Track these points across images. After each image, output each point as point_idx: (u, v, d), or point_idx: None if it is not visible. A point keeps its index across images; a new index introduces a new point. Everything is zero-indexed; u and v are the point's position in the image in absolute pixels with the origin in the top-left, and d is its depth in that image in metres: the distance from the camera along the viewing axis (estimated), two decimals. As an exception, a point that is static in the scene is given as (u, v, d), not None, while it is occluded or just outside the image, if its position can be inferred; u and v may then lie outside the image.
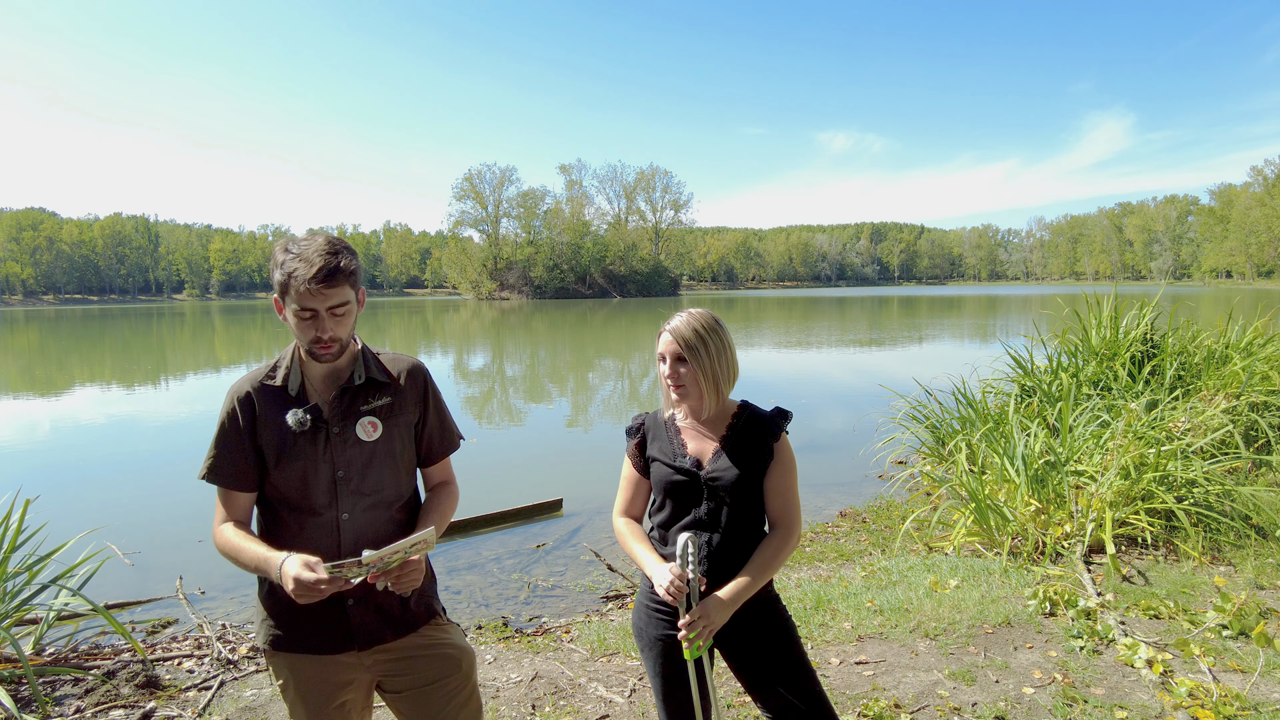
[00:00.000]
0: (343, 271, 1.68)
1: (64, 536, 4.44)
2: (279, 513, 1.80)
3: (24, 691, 3.42)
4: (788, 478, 1.94)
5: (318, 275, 1.64)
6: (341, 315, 1.72)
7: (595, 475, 8.39)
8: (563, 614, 4.71)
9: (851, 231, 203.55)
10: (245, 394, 1.79)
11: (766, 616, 1.96)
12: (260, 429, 1.77)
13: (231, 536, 1.74)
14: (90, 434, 11.30)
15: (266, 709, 3.31)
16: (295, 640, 1.81)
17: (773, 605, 1.99)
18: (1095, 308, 7.67)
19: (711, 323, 1.91)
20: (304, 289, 1.65)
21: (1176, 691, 3.04)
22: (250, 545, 1.71)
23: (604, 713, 3.20)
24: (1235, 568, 4.52)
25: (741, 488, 1.90)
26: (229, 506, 1.79)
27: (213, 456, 1.78)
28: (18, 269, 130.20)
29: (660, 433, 2.02)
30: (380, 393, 1.85)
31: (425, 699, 1.85)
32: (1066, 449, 5.43)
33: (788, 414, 1.99)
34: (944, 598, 4.19)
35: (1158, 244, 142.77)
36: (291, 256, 1.67)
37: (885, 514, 6.36)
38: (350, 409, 1.81)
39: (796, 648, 1.96)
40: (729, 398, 2.00)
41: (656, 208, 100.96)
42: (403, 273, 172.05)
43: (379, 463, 1.82)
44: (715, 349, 1.89)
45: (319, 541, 1.76)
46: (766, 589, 1.98)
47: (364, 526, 1.80)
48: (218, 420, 1.80)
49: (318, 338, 1.71)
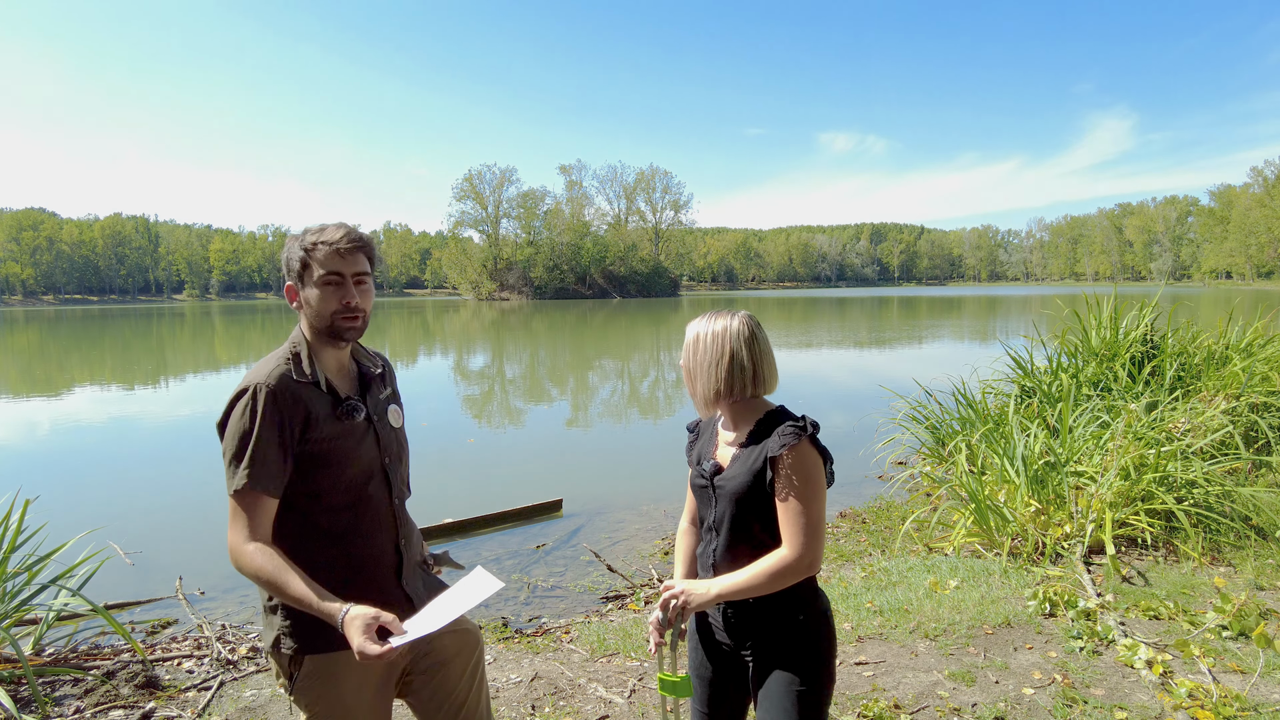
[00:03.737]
0: (365, 242, 1.74)
1: (64, 536, 4.44)
2: (332, 515, 1.71)
3: (24, 692, 3.42)
4: (793, 496, 1.70)
5: (344, 239, 1.70)
6: (365, 288, 1.74)
7: (595, 475, 8.40)
8: (562, 614, 4.71)
9: (851, 232, 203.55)
10: (283, 388, 1.65)
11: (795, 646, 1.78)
12: (313, 427, 1.67)
13: (270, 564, 1.58)
14: (90, 434, 11.30)
15: (266, 709, 3.30)
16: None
17: (806, 635, 1.78)
18: (1095, 308, 7.66)
19: (721, 325, 1.81)
20: (330, 252, 1.68)
21: (1176, 692, 3.04)
22: (298, 581, 1.57)
23: (604, 713, 3.20)
24: (1235, 568, 4.52)
25: (747, 497, 1.77)
26: (256, 518, 1.61)
27: (252, 460, 1.60)
28: (18, 269, 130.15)
29: (707, 433, 1.98)
30: (386, 381, 1.92)
31: (442, 677, 1.87)
32: (1066, 450, 5.43)
33: (801, 427, 1.73)
34: (944, 598, 4.19)
35: (1158, 245, 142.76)
36: (312, 233, 1.73)
37: (885, 514, 6.36)
38: (376, 398, 1.85)
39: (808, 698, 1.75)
40: (765, 399, 1.87)
41: (656, 208, 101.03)
42: (403, 273, 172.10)
43: (405, 448, 1.92)
44: (704, 347, 1.80)
45: (380, 533, 1.80)
46: (801, 616, 1.78)
47: (404, 513, 1.88)
48: (244, 419, 1.63)
49: (346, 304, 1.69)
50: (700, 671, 1.93)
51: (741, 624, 1.83)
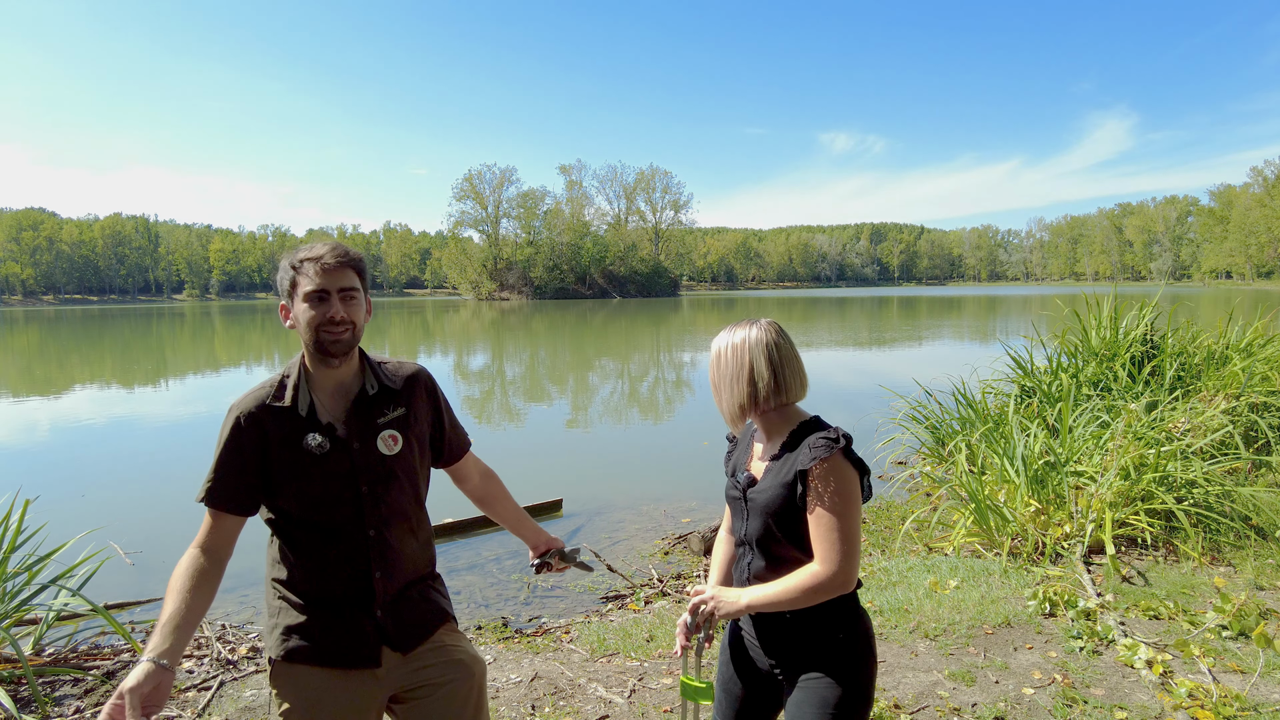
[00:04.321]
0: (352, 257, 1.73)
1: (64, 536, 4.44)
2: (301, 535, 1.73)
3: (23, 692, 3.42)
4: (823, 511, 1.64)
5: (328, 254, 1.70)
6: (352, 301, 1.72)
7: (595, 475, 8.40)
8: (562, 614, 4.71)
9: (851, 232, 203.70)
10: (250, 414, 1.70)
11: (831, 664, 1.71)
12: (272, 451, 1.69)
13: (177, 575, 1.62)
14: (90, 434, 11.30)
15: (266, 709, 3.30)
16: (318, 652, 1.72)
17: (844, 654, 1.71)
18: (1095, 308, 7.67)
19: (741, 336, 1.79)
20: (315, 268, 1.68)
21: (1176, 692, 3.05)
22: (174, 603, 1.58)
23: (604, 713, 3.20)
24: (1235, 568, 4.52)
25: (779, 511, 1.72)
26: (213, 530, 1.69)
27: (212, 478, 1.69)
28: (18, 269, 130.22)
29: (745, 443, 1.92)
30: (394, 404, 1.80)
31: (434, 707, 1.79)
32: (1066, 449, 5.43)
33: (834, 439, 1.67)
34: (944, 598, 4.19)
35: (1157, 245, 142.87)
36: (302, 250, 1.73)
37: (885, 514, 6.36)
38: (368, 423, 1.76)
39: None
40: (798, 408, 1.83)
41: (656, 208, 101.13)
42: (403, 273, 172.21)
43: (401, 476, 1.79)
44: (726, 362, 1.79)
45: (348, 560, 1.73)
46: (841, 635, 1.72)
47: (389, 542, 1.77)
48: (220, 440, 1.71)
49: (330, 317, 1.68)
50: (729, 687, 1.89)
51: (777, 640, 1.77)
